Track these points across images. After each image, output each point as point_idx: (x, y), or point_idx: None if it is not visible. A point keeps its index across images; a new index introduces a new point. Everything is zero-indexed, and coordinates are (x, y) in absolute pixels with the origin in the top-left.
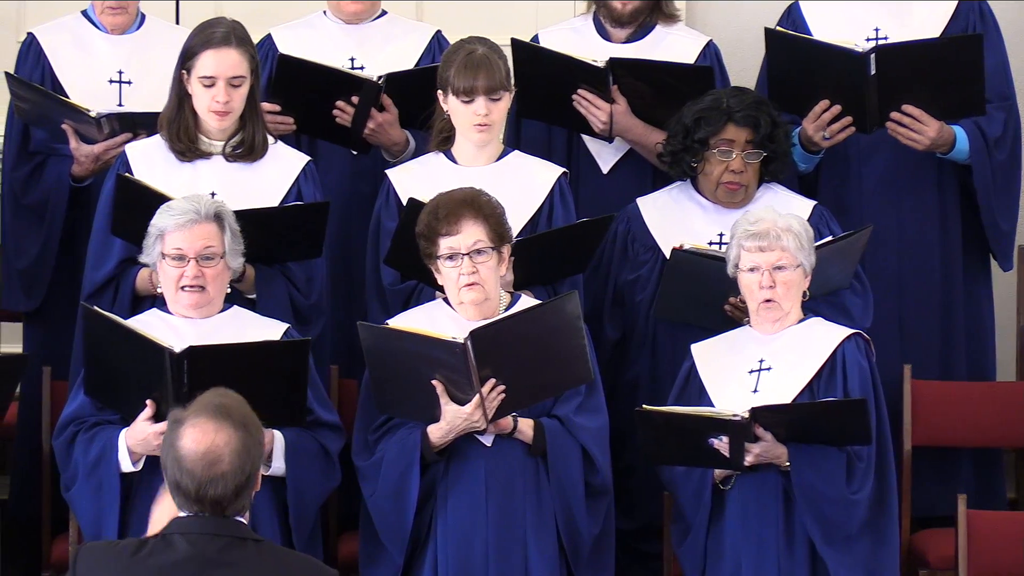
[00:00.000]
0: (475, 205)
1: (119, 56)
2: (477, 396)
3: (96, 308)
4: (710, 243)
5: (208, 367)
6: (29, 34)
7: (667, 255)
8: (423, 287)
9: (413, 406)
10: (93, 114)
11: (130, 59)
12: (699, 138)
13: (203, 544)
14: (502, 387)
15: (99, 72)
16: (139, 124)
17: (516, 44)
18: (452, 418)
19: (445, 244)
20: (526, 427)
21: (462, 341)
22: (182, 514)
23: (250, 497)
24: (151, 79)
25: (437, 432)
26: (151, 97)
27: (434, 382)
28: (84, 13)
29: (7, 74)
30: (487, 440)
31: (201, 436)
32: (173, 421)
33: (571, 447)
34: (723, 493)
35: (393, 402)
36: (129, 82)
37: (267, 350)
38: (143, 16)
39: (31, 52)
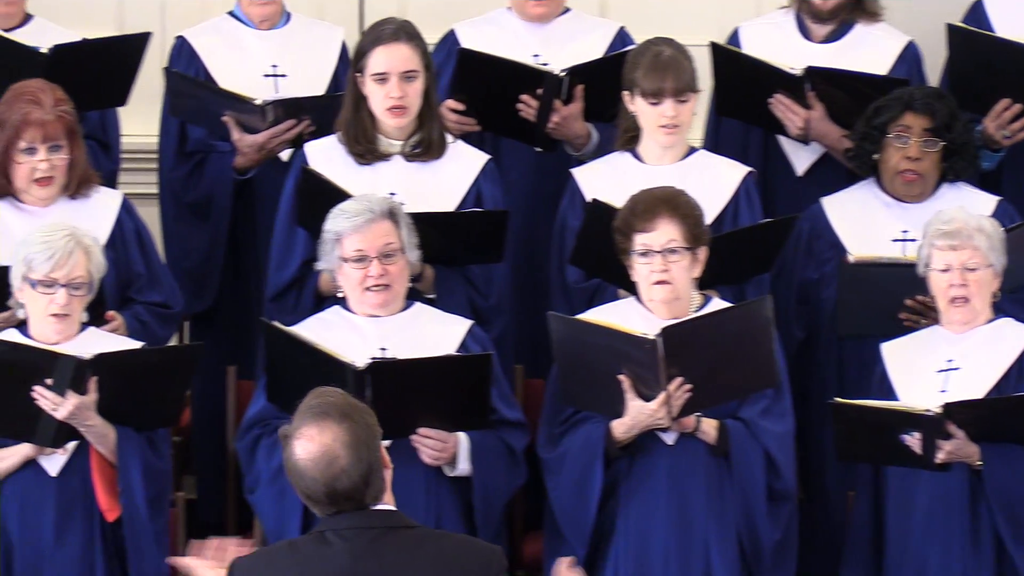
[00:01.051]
0: (673, 204)
1: (271, 50)
2: (663, 394)
3: (276, 324)
4: (893, 240)
5: (390, 381)
6: (179, 37)
7: (850, 253)
8: (607, 285)
9: (598, 399)
10: (258, 102)
11: (282, 53)
12: (877, 124)
13: (357, 537)
14: (688, 386)
15: (253, 67)
16: (304, 109)
17: (715, 48)
18: (636, 414)
19: (640, 240)
20: (709, 427)
21: (653, 337)
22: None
23: (383, 479)
24: (305, 71)
25: (620, 427)
26: (307, 89)
27: (621, 376)
28: (231, 13)
29: (167, 70)
30: (670, 438)
31: (309, 443)
32: (283, 439)
33: (755, 450)
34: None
35: (578, 394)
36: (284, 75)
37: (450, 364)
38: (288, 13)
39: (183, 54)
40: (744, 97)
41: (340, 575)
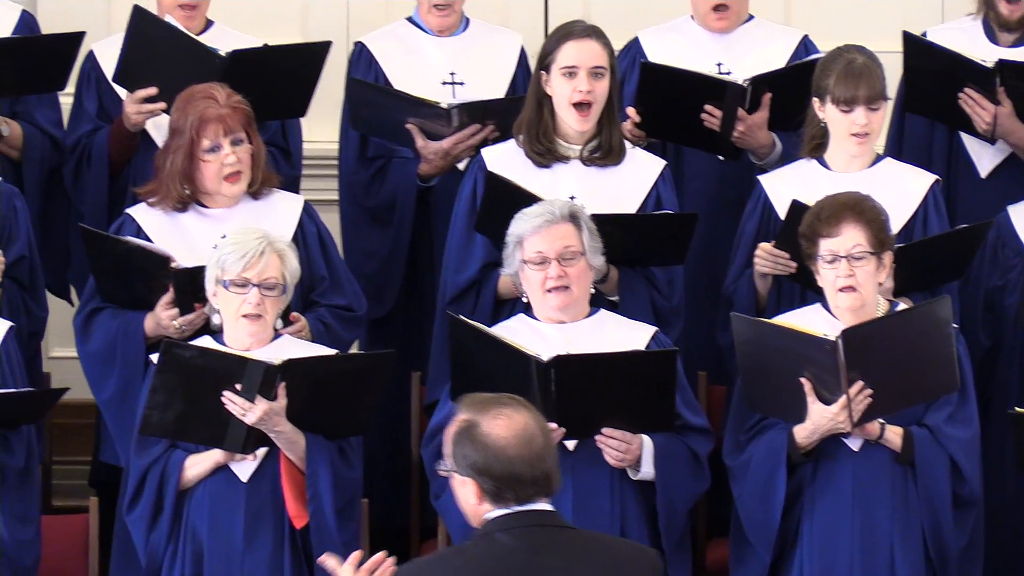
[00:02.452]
0: (858, 209)
1: (449, 58)
2: (844, 397)
3: (461, 316)
4: None
5: (575, 376)
6: (358, 43)
7: None
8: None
9: (780, 403)
10: (444, 105)
11: (460, 60)
12: None
13: (526, 536)
14: (869, 391)
15: (432, 74)
16: (489, 112)
17: (907, 38)
18: (818, 418)
19: (825, 246)
20: (894, 435)
21: (834, 339)
22: (496, 513)
23: (559, 479)
24: (483, 79)
25: (802, 432)
26: (485, 96)
27: (802, 379)
28: (410, 19)
29: (351, 78)
30: (855, 444)
31: (509, 422)
32: (465, 428)
33: (940, 457)
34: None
35: (761, 398)
36: (462, 83)
37: (634, 359)
38: (467, 19)
39: (362, 60)
40: (933, 91)
41: (516, 572)
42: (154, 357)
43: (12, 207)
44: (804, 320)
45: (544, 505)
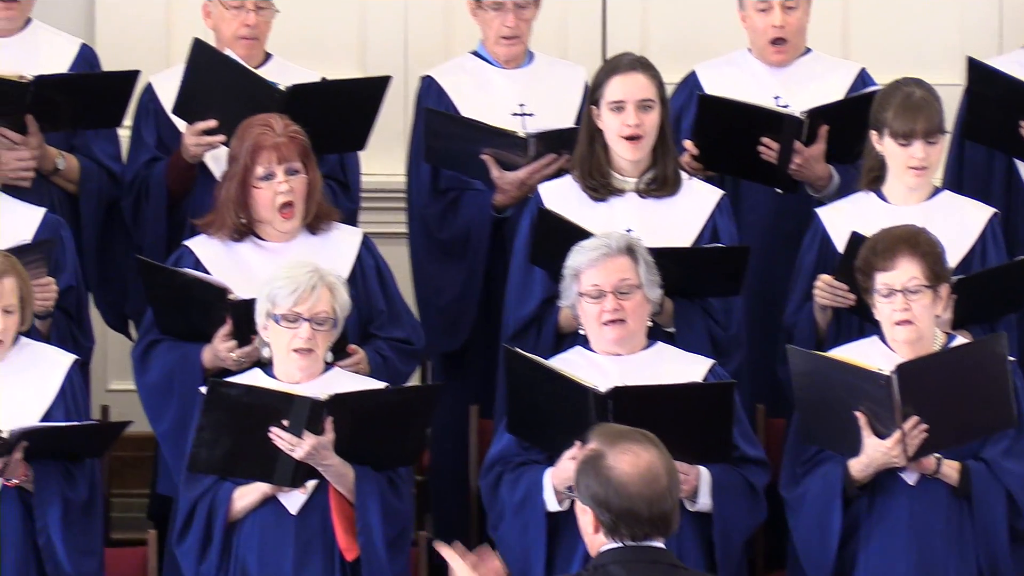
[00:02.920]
0: (913, 242)
1: (517, 89)
2: (898, 432)
3: (518, 350)
4: None
5: (633, 407)
6: (426, 77)
7: None
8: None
9: (836, 436)
10: (521, 135)
11: (528, 91)
12: None
13: (640, 571)
14: (924, 426)
15: (501, 106)
16: (565, 142)
17: (972, 63)
18: (872, 452)
19: (881, 280)
20: (950, 469)
21: (888, 374)
22: (611, 545)
23: (678, 519)
24: (551, 110)
25: (857, 465)
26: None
27: (857, 413)
28: (475, 52)
29: (427, 109)
30: (911, 478)
31: (635, 459)
32: (592, 458)
33: (997, 492)
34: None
35: (817, 430)
36: (531, 114)
37: (692, 391)
38: (531, 53)
39: (432, 93)
40: (994, 119)
41: None
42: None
43: (59, 237)
44: (861, 353)
45: (659, 543)
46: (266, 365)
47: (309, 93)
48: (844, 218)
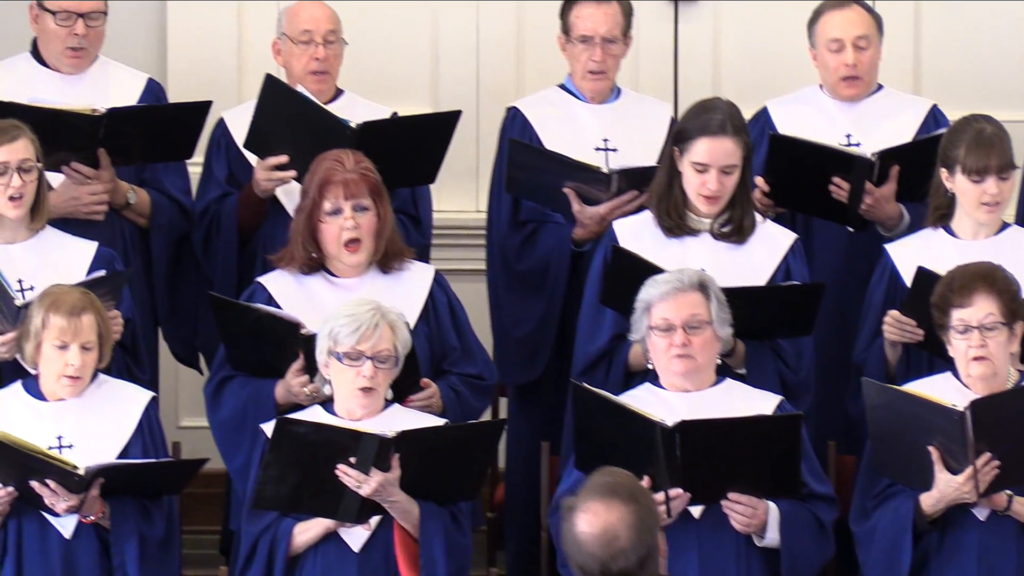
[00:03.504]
0: (990, 280)
1: (603, 124)
2: (970, 468)
3: (585, 385)
4: None
5: (700, 441)
6: (512, 108)
7: None
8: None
9: (908, 469)
10: (605, 170)
11: (613, 127)
12: None
13: None
14: (996, 462)
15: (585, 140)
16: (648, 179)
17: None
18: (944, 487)
19: (957, 316)
20: (1021, 506)
21: (962, 409)
22: None
23: (657, 564)
24: (635, 147)
25: (928, 500)
26: (638, 164)
27: (930, 448)
28: (561, 86)
29: (512, 140)
30: (981, 514)
31: (593, 518)
32: (567, 509)
33: None
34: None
35: (890, 462)
36: (615, 149)
37: (759, 424)
38: (618, 88)
39: (516, 124)
40: None
41: None
42: (267, 428)
43: (114, 271)
44: (935, 388)
45: None
46: (326, 402)
47: (379, 130)
48: (912, 253)
